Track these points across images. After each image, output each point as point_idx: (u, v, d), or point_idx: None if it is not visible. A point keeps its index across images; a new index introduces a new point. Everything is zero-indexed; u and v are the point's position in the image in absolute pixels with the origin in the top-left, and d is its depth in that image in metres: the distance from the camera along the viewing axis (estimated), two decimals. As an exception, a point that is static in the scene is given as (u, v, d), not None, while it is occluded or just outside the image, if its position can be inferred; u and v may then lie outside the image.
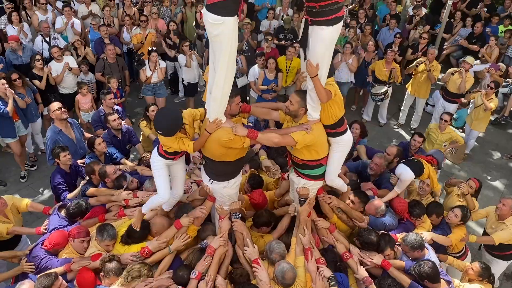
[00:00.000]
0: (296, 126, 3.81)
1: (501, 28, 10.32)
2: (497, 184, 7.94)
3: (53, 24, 8.98)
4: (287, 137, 3.71)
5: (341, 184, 4.38)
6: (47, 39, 8.44)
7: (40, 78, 7.41)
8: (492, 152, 8.82)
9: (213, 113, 3.57)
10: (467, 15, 10.77)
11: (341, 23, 3.34)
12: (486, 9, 10.99)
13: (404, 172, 4.80)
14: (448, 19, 9.86)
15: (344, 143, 4.03)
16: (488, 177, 8.07)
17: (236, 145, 3.63)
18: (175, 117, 3.59)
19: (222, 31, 3.11)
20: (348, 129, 4.06)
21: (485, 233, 5.36)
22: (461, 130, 8.87)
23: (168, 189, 3.96)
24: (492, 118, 9.12)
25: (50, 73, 7.53)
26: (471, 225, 6.52)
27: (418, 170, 4.89)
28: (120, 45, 9.08)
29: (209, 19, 3.09)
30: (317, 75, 3.49)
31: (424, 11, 10.72)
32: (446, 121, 6.84)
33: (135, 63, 8.17)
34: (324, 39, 3.33)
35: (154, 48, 8.27)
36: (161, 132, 3.57)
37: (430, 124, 7.34)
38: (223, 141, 3.57)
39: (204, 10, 3.16)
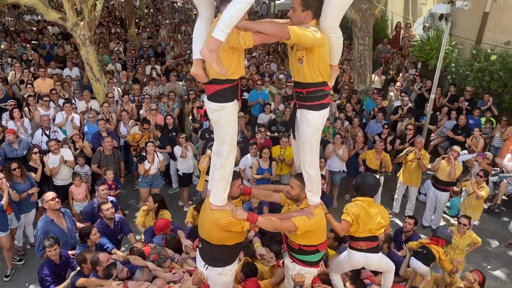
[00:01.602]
0: (297, 211, 3.82)
1: (483, 120, 10.82)
2: (498, 273, 7.73)
3: (53, 119, 9.29)
4: (287, 222, 3.69)
5: (338, 284, 4.39)
6: (47, 132, 8.69)
7: (36, 171, 7.49)
8: (489, 240, 8.70)
9: (217, 195, 3.60)
10: (451, 109, 11.34)
11: (327, 110, 3.53)
12: (467, 103, 11.61)
13: (419, 267, 5.19)
14: (432, 112, 10.37)
15: (349, 258, 4.25)
16: (489, 267, 7.88)
17: (235, 229, 3.60)
18: None
19: (223, 116, 3.32)
20: (362, 253, 4.16)
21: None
22: (455, 219, 8.82)
23: None
24: (486, 206, 9.16)
25: (47, 164, 7.63)
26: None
27: (429, 260, 5.26)
28: (117, 138, 9.33)
29: (211, 106, 3.31)
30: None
31: (409, 105, 11.30)
32: (465, 225, 6.47)
33: (136, 159, 8.32)
34: (309, 122, 3.49)
35: (151, 140, 8.50)
36: None
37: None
38: (222, 224, 3.55)
39: (205, 100, 3.37)
